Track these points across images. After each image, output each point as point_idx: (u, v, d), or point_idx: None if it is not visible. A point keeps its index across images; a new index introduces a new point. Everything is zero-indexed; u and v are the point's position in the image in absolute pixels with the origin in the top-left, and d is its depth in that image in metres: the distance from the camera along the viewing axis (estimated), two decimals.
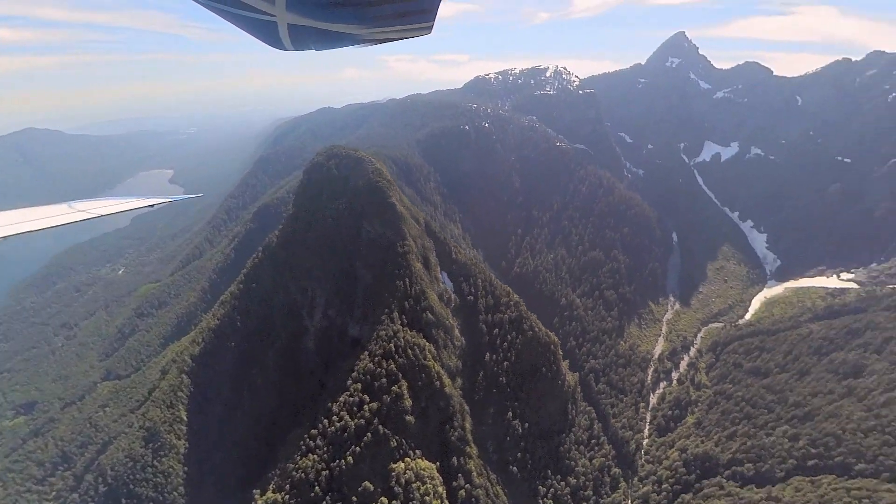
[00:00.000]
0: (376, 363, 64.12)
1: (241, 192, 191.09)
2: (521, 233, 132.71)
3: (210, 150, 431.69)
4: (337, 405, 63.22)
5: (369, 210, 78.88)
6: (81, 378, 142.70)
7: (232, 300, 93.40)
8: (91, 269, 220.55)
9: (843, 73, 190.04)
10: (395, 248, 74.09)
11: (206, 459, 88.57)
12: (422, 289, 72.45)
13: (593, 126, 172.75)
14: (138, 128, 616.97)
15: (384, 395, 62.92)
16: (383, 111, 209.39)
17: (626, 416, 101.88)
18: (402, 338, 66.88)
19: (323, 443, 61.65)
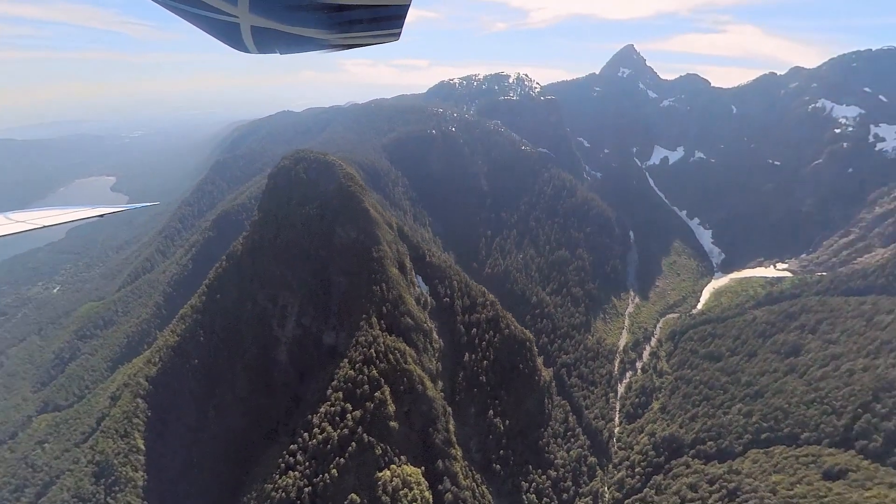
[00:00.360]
0: (357, 370, 62.39)
1: (197, 198, 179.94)
2: (490, 234, 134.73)
3: (157, 156, 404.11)
4: (317, 416, 60.69)
5: (342, 215, 76.88)
6: (12, 413, 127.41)
7: (193, 314, 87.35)
8: (19, 289, 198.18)
9: (770, 85, 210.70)
10: (371, 254, 72.67)
11: (169, 490, 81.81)
12: (399, 293, 71.48)
13: (554, 130, 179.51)
14: (73, 131, 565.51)
15: (367, 402, 61.23)
16: (346, 115, 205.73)
17: (597, 407, 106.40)
18: (383, 343, 65.55)
19: (304, 458, 58.92)
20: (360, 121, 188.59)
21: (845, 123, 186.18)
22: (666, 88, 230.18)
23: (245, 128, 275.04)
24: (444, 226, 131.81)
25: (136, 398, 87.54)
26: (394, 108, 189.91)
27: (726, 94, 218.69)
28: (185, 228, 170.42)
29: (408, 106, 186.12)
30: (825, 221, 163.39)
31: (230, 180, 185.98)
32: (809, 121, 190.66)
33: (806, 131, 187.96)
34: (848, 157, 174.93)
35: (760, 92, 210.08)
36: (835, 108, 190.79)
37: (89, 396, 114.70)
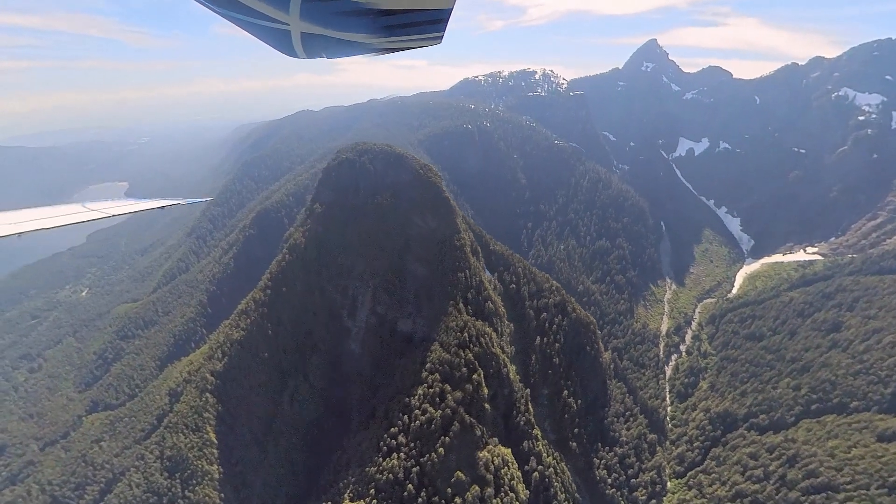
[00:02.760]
0: (452, 353, 62.64)
1: (226, 199, 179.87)
2: (531, 226, 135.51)
3: (167, 160, 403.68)
4: (415, 399, 60.93)
5: (420, 205, 77.23)
6: (59, 413, 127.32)
7: (258, 308, 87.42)
8: (47, 293, 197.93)
9: (792, 75, 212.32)
10: (452, 242, 73.07)
11: (243, 483, 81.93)
12: (480, 280, 71.87)
13: (583, 125, 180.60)
14: (81, 139, 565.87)
15: (465, 384, 61.59)
16: (371, 113, 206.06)
17: (650, 388, 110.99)
18: (473, 327, 65.88)
19: (406, 439, 59.14)
20: (386, 117, 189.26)
21: (868, 111, 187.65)
22: (688, 81, 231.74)
23: (263, 129, 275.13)
24: (484, 218, 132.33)
25: (204, 393, 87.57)
26: (421, 104, 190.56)
27: (748, 86, 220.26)
28: (217, 229, 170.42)
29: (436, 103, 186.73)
30: (852, 206, 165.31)
31: (258, 180, 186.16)
32: (833, 109, 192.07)
33: (830, 119, 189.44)
34: (872, 144, 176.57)
35: (782, 82, 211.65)
36: (857, 97, 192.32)
37: (142, 394, 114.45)
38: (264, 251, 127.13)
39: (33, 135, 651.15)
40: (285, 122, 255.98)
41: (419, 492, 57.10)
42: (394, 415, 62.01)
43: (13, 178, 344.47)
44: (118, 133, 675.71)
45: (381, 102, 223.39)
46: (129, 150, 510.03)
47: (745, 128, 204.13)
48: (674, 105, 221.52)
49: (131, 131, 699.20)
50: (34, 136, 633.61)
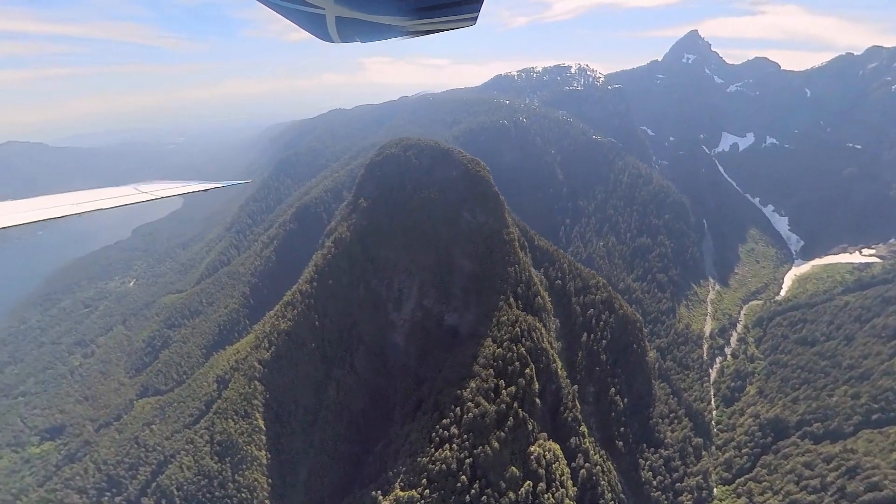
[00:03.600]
0: (505, 348, 62.06)
1: (264, 195, 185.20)
2: (569, 223, 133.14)
3: (202, 158, 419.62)
4: (468, 392, 60.69)
5: (469, 199, 76.98)
6: (112, 397, 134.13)
7: (304, 299, 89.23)
8: (97, 284, 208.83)
9: (847, 66, 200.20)
10: (501, 236, 72.53)
11: (290, 469, 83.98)
12: (529, 275, 70.96)
13: (621, 120, 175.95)
14: (123, 139, 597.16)
15: (519, 379, 60.95)
16: (403, 110, 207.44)
17: (694, 390, 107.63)
18: (525, 322, 65.10)
19: (459, 431, 59.01)
20: (418, 114, 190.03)
21: None
22: (733, 73, 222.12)
23: (296, 128, 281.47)
24: (522, 215, 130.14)
25: (253, 381, 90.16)
26: (452, 101, 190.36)
27: (798, 77, 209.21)
28: (256, 224, 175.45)
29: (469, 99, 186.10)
30: None
31: (294, 177, 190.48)
32: (892, 102, 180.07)
33: (889, 113, 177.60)
34: None
35: (836, 74, 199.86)
36: None
37: (189, 381, 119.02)
38: (304, 245, 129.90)
39: (82, 135, 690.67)
40: (318, 120, 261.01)
41: (472, 484, 56.95)
42: (445, 407, 61.95)
43: (67, 175, 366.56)
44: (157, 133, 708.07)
45: (411, 100, 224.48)
46: (168, 149, 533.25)
47: (795, 122, 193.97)
48: (717, 98, 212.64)
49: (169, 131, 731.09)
50: (83, 136, 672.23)
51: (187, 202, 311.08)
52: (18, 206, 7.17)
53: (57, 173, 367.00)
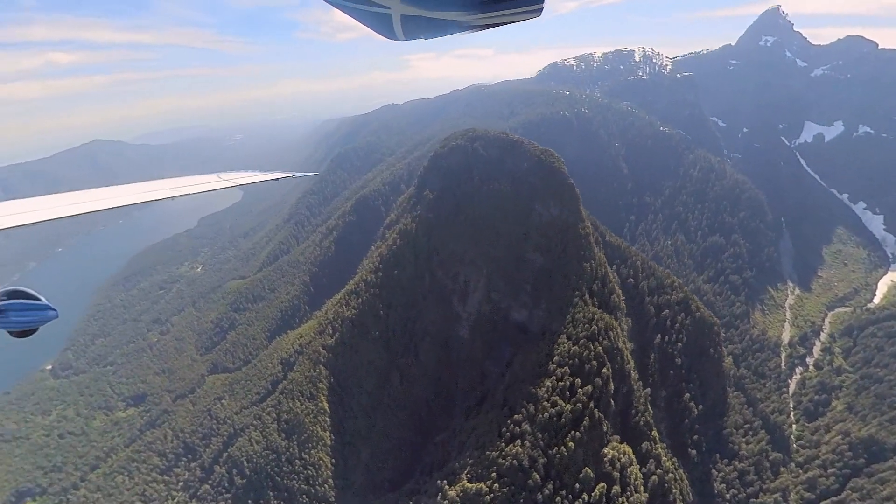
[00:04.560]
0: (581, 346, 59.77)
1: (321, 188, 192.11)
2: (634, 219, 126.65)
3: (259, 154, 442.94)
4: (542, 390, 59.13)
5: (542, 192, 74.90)
6: (186, 371, 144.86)
7: (368, 289, 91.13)
8: (170, 268, 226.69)
9: None
10: (576, 230, 69.89)
11: (352, 452, 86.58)
12: (605, 271, 67.86)
13: (691, 109, 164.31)
14: (188, 136, 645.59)
15: (595, 379, 58.58)
16: (455, 103, 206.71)
17: (772, 401, 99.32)
18: (601, 320, 62.36)
19: (532, 428, 57.75)
20: (471, 107, 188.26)
21: None
22: (819, 55, 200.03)
23: (350, 124, 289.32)
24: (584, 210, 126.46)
25: (318, 365, 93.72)
26: (507, 92, 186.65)
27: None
28: (314, 215, 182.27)
29: (525, 90, 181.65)
30: None
31: (350, 170, 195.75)
32: None
33: None
34: None
35: None
36: None
37: (255, 361, 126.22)
38: (362, 236, 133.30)
39: (154, 133, 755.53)
40: (371, 116, 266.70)
41: (545, 482, 55.60)
42: (516, 403, 60.74)
43: (144, 169, 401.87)
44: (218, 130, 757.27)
45: (463, 92, 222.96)
46: (227, 146, 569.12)
47: (893, 108, 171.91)
48: (799, 84, 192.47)
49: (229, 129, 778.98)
50: (155, 134, 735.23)
51: (246, 195, 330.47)
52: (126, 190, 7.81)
53: (135, 167, 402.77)
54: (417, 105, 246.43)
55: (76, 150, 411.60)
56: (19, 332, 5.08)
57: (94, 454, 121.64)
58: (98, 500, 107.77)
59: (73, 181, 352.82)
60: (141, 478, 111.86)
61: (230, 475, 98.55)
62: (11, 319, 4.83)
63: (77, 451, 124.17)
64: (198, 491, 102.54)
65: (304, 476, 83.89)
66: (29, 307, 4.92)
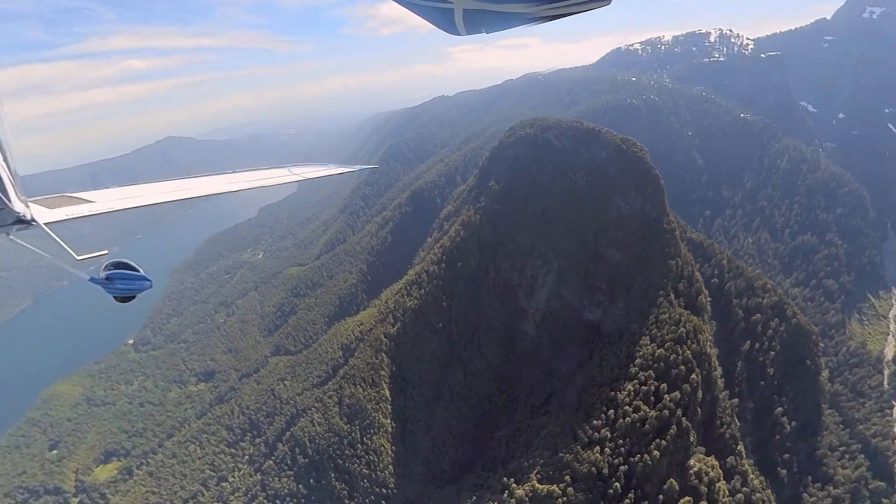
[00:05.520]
0: (668, 349, 55.44)
1: (375, 179, 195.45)
2: (710, 215, 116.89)
3: (310, 148, 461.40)
4: (623, 394, 55.62)
5: (622, 184, 70.42)
6: (251, 352, 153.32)
7: (431, 280, 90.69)
8: (234, 255, 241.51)
9: None
10: (660, 225, 64.94)
11: (411, 441, 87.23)
12: (692, 270, 62.49)
13: (777, 94, 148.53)
14: (247, 133, 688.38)
15: (683, 385, 54.21)
16: (510, 93, 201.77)
17: (873, 424, 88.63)
18: (689, 322, 57.50)
19: (612, 434, 54.60)
20: (528, 96, 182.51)
21: None
22: None
23: (401, 116, 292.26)
24: None
25: (380, 353, 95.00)
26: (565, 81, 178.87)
27: None
28: (368, 206, 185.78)
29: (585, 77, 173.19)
30: None
31: (402, 162, 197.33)
32: None
33: None
34: None
35: None
36: None
37: (315, 345, 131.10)
38: (418, 227, 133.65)
39: (218, 130, 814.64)
40: (422, 108, 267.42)
41: (625, 492, 52.39)
42: (594, 406, 57.58)
43: (211, 163, 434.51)
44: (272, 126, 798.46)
45: (517, 82, 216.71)
46: (282, 141, 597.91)
47: None
48: None
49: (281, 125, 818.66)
50: (219, 131, 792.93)
51: (302, 187, 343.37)
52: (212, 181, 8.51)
53: (202, 161, 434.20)
54: (468, 96, 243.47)
55: (151, 147, 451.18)
56: (122, 297, 5.70)
57: (170, 423, 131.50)
58: (173, 466, 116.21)
59: (150, 175, 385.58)
60: (210, 448, 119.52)
61: (293, 453, 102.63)
62: (117, 286, 5.45)
63: (155, 419, 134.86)
64: (262, 466, 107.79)
65: (365, 461, 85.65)
66: (130, 277, 5.55)
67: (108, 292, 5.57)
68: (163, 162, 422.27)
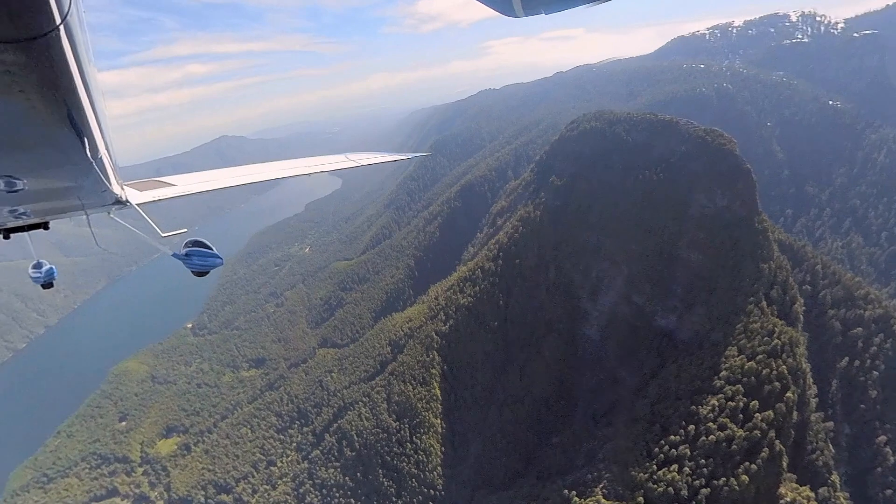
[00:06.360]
0: (760, 363, 49.53)
1: (420, 174, 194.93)
2: (791, 214, 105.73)
3: (354, 145, 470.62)
4: (706, 409, 50.38)
5: (705, 179, 64.32)
6: (299, 342, 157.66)
7: (486, 277, 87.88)
8: (283, 248, 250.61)
9: None
10: (751, 225, 58.45)
11: (462, 442, 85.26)
12: (787, 275, 55.64)
13: (873, 78, 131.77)
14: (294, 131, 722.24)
15: (777, 404, 48.25)
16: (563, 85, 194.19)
17: None
18: (785, 333, 51.13)
19: (692, 453, 49.64)
20: (582, 88, 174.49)
21: None
22: None
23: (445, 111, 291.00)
24: None
25: (431, 350, 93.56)
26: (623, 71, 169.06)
27: None
28: (414, 201, 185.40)
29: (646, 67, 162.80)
30: None
31: (449, 157, 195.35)
32: None
33: None
34: None
35: None
36: None
37: (362, 339, 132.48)
38: (467, 222, 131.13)
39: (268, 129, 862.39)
40: (468, 102, 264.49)
41: None
42: (670, 421, 52.66)
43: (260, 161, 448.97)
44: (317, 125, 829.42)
45: (568, 75, 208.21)
46: (326, 138, 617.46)
47: None
48: None
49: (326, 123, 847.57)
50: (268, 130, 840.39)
51: (346, 183, 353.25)
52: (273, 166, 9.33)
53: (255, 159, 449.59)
54: (516, 90, 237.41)
55: (208, 146, 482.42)
56: (198, 272, 6.10)
57: (224, 405, 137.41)
58: (227, 446, 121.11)
59: None
60: (261, 433, 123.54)
61: (340, 445, 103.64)
62: (194, 262, 5.88)
63: (210, 400, 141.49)
64: (309, 454, 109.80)
65: (414, 460, 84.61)
66: (206, 254, 5.96)
67: (187, 267, 5.97)
68: (218, 159, 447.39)
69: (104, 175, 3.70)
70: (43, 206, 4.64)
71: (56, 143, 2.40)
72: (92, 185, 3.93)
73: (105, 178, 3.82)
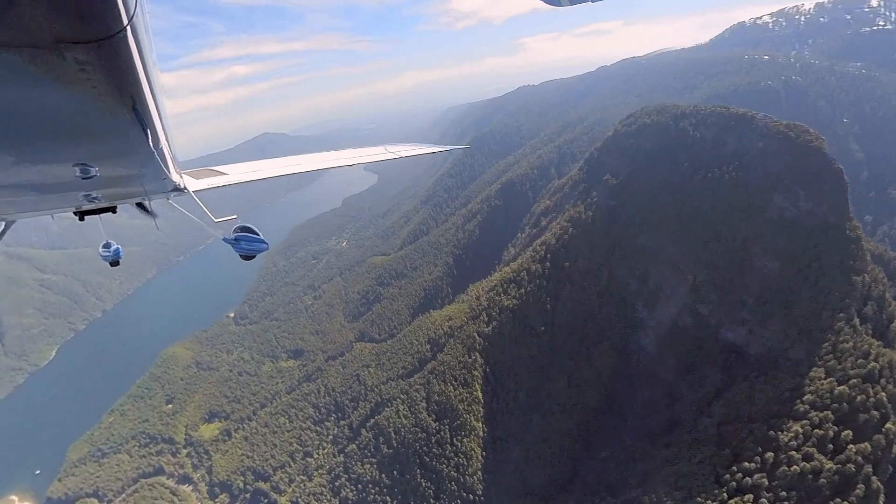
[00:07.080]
0: (853, 388, 44.33)
1: (458, 171, 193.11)
2: (871, 220, 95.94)
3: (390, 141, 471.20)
4: (787, 436, 45.71)
5: (786, 179, 58.82)
6: (336, 335, 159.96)
7: (533, 279, 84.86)
8: (321, 242, 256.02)
9: None
10: (840, 231, 52.76)
11: (504, 448, 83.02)
12: (883, 290, 49.64)
13: None
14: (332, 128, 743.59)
15: (875, 435, 43.03)
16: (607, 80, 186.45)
17: None
18: (883, 356, 45.52)
19: (770, 483, 45.26)
20: (629, 83, 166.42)
21: None
22: None
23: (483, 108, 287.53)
24: None
25: (473, 352, 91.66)
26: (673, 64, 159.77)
27: None
28: (452, 198, 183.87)
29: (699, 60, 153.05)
30: None
31: (487, 154, 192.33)
32: None
33: None
34: None
35: None
36: None
37: (399, 335, 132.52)
38: (508, 221, 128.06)
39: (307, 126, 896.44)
40: (507, 98, 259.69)
41: None
42: (743, 446, 48.22)
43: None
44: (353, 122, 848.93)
45: (613, 69, 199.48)
46: (362, 135, 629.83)
47: None
48: None
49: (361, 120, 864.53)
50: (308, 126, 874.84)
51: (382, 178, 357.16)
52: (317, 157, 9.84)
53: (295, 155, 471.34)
54: (556, 85, 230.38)
55: (251, 143, 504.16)
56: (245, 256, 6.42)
57: (263, 394, 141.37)
58: (265, 435, 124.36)
59: None
60: (298, 423, 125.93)
61: (376, 441, 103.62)
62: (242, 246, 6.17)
63: (251, 388, 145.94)
64: (345, 448, 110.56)
65: (454, 463, 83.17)
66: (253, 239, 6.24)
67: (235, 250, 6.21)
68: (261, 155, 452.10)
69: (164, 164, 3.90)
70: (112, 191, 4.97)
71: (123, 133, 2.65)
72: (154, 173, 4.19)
73: (165, 167, 4.03)
